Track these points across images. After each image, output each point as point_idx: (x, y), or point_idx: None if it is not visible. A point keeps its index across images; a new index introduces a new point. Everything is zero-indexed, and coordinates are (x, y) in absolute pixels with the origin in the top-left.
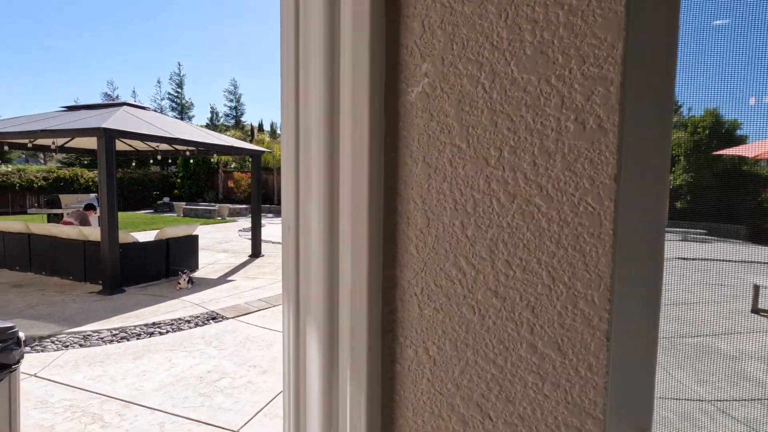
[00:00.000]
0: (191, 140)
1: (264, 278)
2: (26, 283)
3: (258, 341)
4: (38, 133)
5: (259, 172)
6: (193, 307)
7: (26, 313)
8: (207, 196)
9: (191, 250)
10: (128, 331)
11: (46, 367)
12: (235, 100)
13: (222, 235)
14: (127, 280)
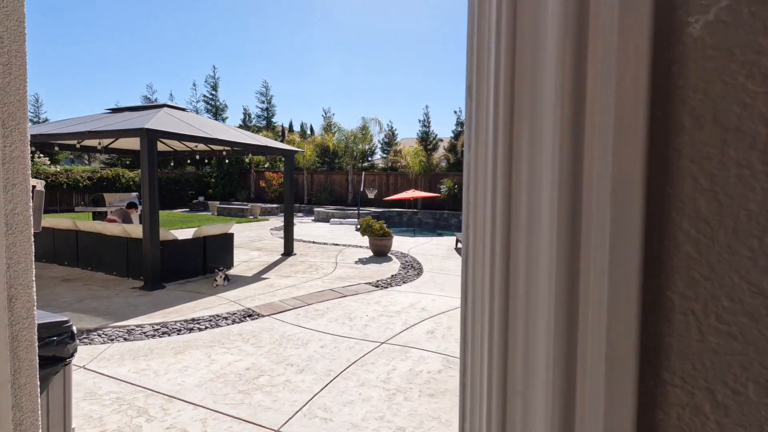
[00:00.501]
0: (228, 140)
1: (297, 277)
2: (74, 278)
3: (294, 340)
4: (85, 134)
5: (292, 171)
6: (229, 304)
7: (75, 306)
8: (239, 195)
9: (227, 248)
10: (169, 327)
11: (94, 360)
12: (267, 101)
13: (255, 233)
14: (166, 277)
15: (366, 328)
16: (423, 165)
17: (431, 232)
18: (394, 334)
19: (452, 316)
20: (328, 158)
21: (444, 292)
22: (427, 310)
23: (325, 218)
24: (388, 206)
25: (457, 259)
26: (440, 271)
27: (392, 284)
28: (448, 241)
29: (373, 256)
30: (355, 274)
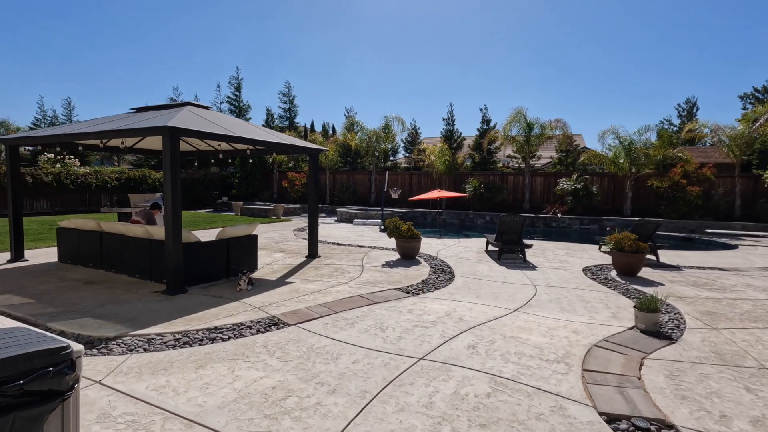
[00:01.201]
0: (252, 138)
1: (322, 281)
2: (97, 281)
3: (323, 353)
4: (107, 133)
5: (317, 171)
6: (253, 311)
7: (96, 311)
8: (263, 195)
9: (251, 250)
10: (190, 336)
11: (110, 373)
12: (289, 101)
13: (278, 234)
14: (189, 280)
15: (400, 340)
16: (448, 164)
17: (457, 233)
18: (431, 348)
19: (494, 328)
20: (350, 158)
21: (480, 300)
22: (465, 321)
23: (348, 218)
24: (411, 206)
25: (490, 262)
26: (473, 276)
27: (423, 290)
28: (477, 243)
29: (401, 259)
30: (384, 279)
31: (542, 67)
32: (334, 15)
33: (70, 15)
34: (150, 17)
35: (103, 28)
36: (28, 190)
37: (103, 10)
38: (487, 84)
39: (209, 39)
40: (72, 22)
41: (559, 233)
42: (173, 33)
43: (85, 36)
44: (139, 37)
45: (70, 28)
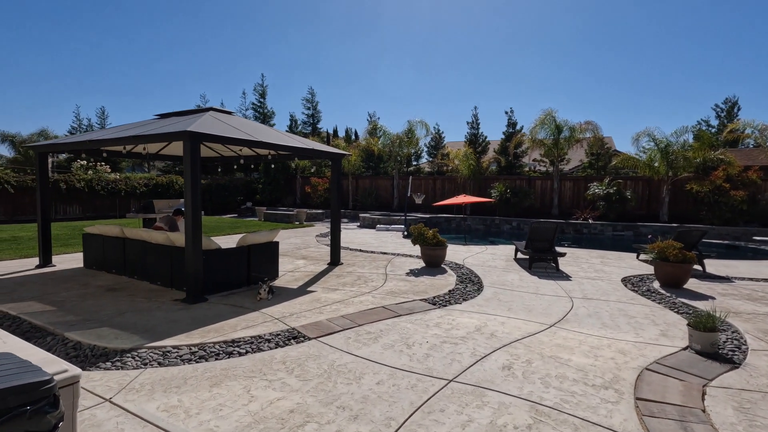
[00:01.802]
0: (272, 143)
1: (345, 290)
2: (120, 287)
3: (345, 372)
4: (128, 139)
5: (339, 176)
6: (273, 322)
7: (113, 321)
8: (286, 200)
9: (272, 257)
10: (207, 349)
11: (122, 390)
12: (312, 107)
13: (300, 240)
14: (209, 288)
15: (428, 358)
16: (472, 168)
17: (482, 239)
18: (462, 368)
19: (529, 345)
20: (372, 163)
21: (513, 314)
22: (498, 337)
23: (371, 224)
24: (435, 212)
25: (520, 271)
26: (503, 286)
27: (451, 301)
28: (505, 251)
29: (426, 267)
30: (408, 288)
31: (569, 69)
32: (356, 22)
33: (111, 30)
34: (178, 30)
35: (137, 42)
36: (62, 195)
37: (134, 27)
38: (513, 87)
39: (236, 49)
40: (109, 36)
41: (590, 240)
42: (202, 45)
43: (120, 50)
44: (170, 50)
45: (109, 42)
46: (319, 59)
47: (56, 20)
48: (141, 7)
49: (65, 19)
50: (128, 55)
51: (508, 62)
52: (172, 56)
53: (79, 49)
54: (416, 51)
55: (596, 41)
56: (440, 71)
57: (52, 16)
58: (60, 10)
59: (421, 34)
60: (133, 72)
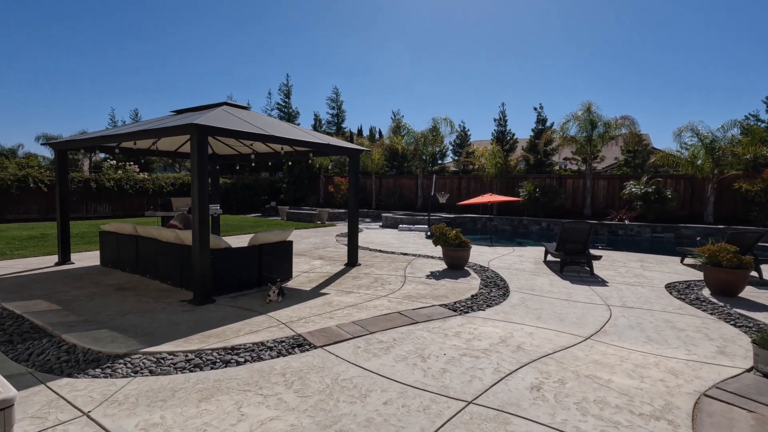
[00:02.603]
0: (285, 137)
1: (359, 293)
2: (130, 287)
3: (349, 388)
4: (137, 134)
5: (357, 173)
6: (278, 327)
7: (114, 322)
8: (309, 200)
9: (285, 257)
10: (203, 357)
11: (104, 402)
12: (337, 107)
13: (319, 240)
14: (218, 289)
15: (444, 374)
16: (499, 167)
17: (509, 240)
18: (483, 387)
19: (562, 362)
20: (396, 162)
21: (542, 323)
22: (525, 350)
23: (393, 224)
24: (459, 212)
25: (550, 275)
26: (531, 292)
27: (473, 308)
28: (534, 253)
29: (448, 269)
30: (427, 292)
31: (602, 64)
32: (374, 20)
33: (143, 35)
34: (205, 34)
35: (169, 46)
36: (92, 194)
37: (163, 32)
38: (542, 83)
39: (262, 50)
40: (141, 40)
41: (626, 242)
42: (229, 46)
43: (152, 53)
44: (195, 53)
45: (142, 47)
46: (344, 59)
47: (91, 24)
48: (169, 11)
49: (100, 23)
50: (158, 58)
51: (537, 57)
52: (203, 59)
53: (113, 53)
54: (441, 49)
55: (630, 33)
56: (467, 68)
57: (89, 21)
58: (95, 15)
59: (449, 32)
60: (164, 75)
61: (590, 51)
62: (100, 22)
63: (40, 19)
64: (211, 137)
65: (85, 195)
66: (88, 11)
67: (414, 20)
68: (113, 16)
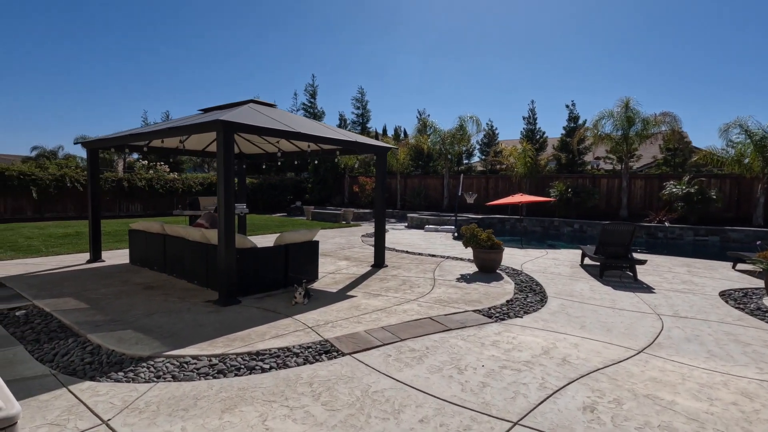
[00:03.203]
0: (311, 134)
1: (387, 296)
2: (157, 285)
3: (381, 402)
4: (163, 132)
5: (384, 172)
6: (305, 331)
7: (140, 323)
8: (334, 200)
9: (311, 258)
10: (227, 362)
11: (124, 410)
12: (362, 107)
13: (345, 240)
14: (243, 290)
15: (484, 389)
16: (529, 166)
17: (540, 242)
18: (529, 405)
19: (615, 378)
20: (422, 161)
21: (587, 333)
22: (572, 364)
23: (419, 225)
24: (487, 212)
25: (590, 280)
26: (570, 298)
27: (509, 314)
28: (569, 256)
29: (479, 272)
30: (459, 297)
31: (637, 60)
32: (398, 19)
33: (172, 40)
34: (233, 37)
35: (194, 48)
36: (125, 193)
37: (194, 35)
38: (573, 80)
39: (288, 51)
40: (172, 45)
41: (667, 245)
42: (255, 47)
43: (182, 57)
44: (224, 57)
45: (173, 52)
46: (368, 59)
47: (126, 31)
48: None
49: (133, 29)
50: (188, 62)
51: (568, 54)
52: (231, 62)
53: (146, 58)
54: (468, 47)
55: (666, 28)
56: (495, 66)
57: (123, 28)
58: (130, 22)
59: (474, 28)
60: (193, 78)
61: (623, 48)
62: (134, 27)
63: (83, 27)
64: (238, 136)
65: (118, 194)
66: (122, 18)
67: (439, 18)
68: (146, 22)
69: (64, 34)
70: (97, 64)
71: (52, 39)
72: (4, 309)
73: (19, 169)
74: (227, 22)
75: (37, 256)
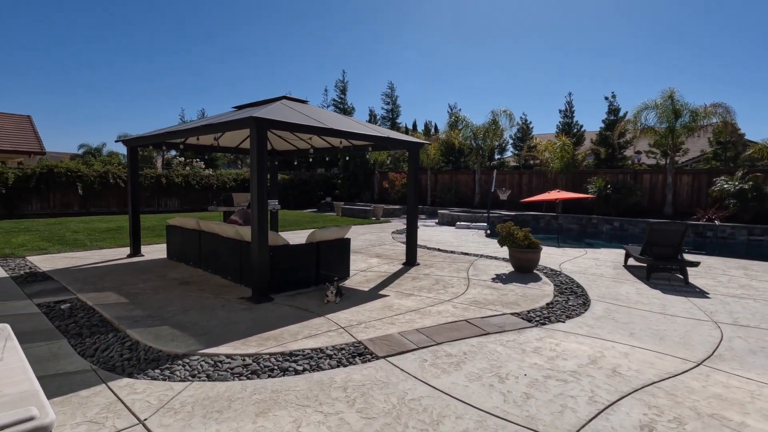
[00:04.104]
0: (344, 130)
1: (420, 296)
2: (192, 281)
3: (419, 410)
4: (198, 129)
5: (417, 168)
6: (337, 332)
7: (176, 319)
8: (363, 196)
9: (343, 256)
10: (261, 363)
11: (160, 409)
12: (392, 102)
13: (375, 237)
14: (275, 287)
15: (528, 401)
16: (566, 161)
17: (577, 241)
18: (579, 422)
19: (673, 393)
20: (453, 157)
21: (637, 341)
22: (623, 376)
23: (450, 221)
24: (520, 209)
25: (635, 282)
26: (616, 301)
27: (551, 318)
28: (611, 256)
29: (515, 272)
30: (495, 298)
31: (683, 48)
32: (435, 11)
33: (202, 39)
34: (264, 38)
35: (227, 49)
36: (163, 189)
37: (226, 35)
38: (613, 71)
39: (318, 47)
40: (205, 45)
41: (717, 245)
42: (285, 46)
43: (215, 56)
44: (257, 56)
45: (205, 50)
46: (399, 53)
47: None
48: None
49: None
50: (221, 60)
51: (608, 41)
52: (262, 59)
53: (181, 57)
54: (501, 39)
55: (715, 13)
56: (529, 58)
57: (162, 25)
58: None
59: (508, 21)
60: (230, 75)
61: (668, 35)
62: (170, 26)
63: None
64: (270, 132)
65: (157, 190)
66: (158, 18)
67: (471, 10)
68: (182, 22)
69: (108, 36)
70: (137, 64)
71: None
72: (51, 302)
73: (66, 166)
74: (259, 21)
75: (82, 249)
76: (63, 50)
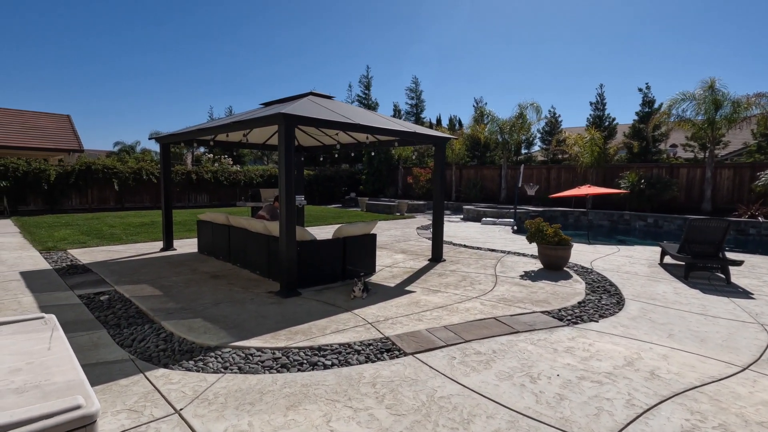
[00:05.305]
0: (370, 126)
1: (447, 293)
2: (222, 275)
3: (448, 409)
4: (227, 126)
5: (443, 163)
6: (365, 327)
7: (208, 312)
8: (388, 191)
9: (369, 251)
10: (290, 357)
11: (195, 400)
12: (416, 96)
13: (400, 232)
14: (302, 282)
15: (561, 402)
16: (597, 155)
17: (608, 237)
18: (616, 426)
19: (717, 399)
20: (478, 152)
21: (677, 343)
22: (662, 379)
23: (476, 217)
24: (549, 204)
25: (672, 281)
26: (652, 301)
27: (583, 317)
28: (645, 254)
29: (544, 270)
30: (524, 296)
31: (723, 37)
32: (461, 4)
33: (228, 37)
34: (292, 37)
35: (256, 48)
36: (193, 185)
37: (255, 36)
38: (647, 62)
39: (342, 43)
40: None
41: (760, 243)
42: (311, 44)
43: (241, 54)
44: (283, 56)
45: (230, 48)
46: (424, 47)
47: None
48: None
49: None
50: (250, 60)
51: (642, 30)
52: (289, 60)
53: (210, 56)
54: (529, 30)
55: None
56: (557, 48)
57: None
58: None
59: (537, 12)
60: (253, 73)
61: (706, 23)
62: (196, 25)
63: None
64: (297, 128)
65: (187, 186)
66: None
67: (499, 3)
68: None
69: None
70: (164, 62)
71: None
72: (91, 293)
73: (103, 163)
74: (282, 17)
75: (118, 243)
76: (104, 61)
